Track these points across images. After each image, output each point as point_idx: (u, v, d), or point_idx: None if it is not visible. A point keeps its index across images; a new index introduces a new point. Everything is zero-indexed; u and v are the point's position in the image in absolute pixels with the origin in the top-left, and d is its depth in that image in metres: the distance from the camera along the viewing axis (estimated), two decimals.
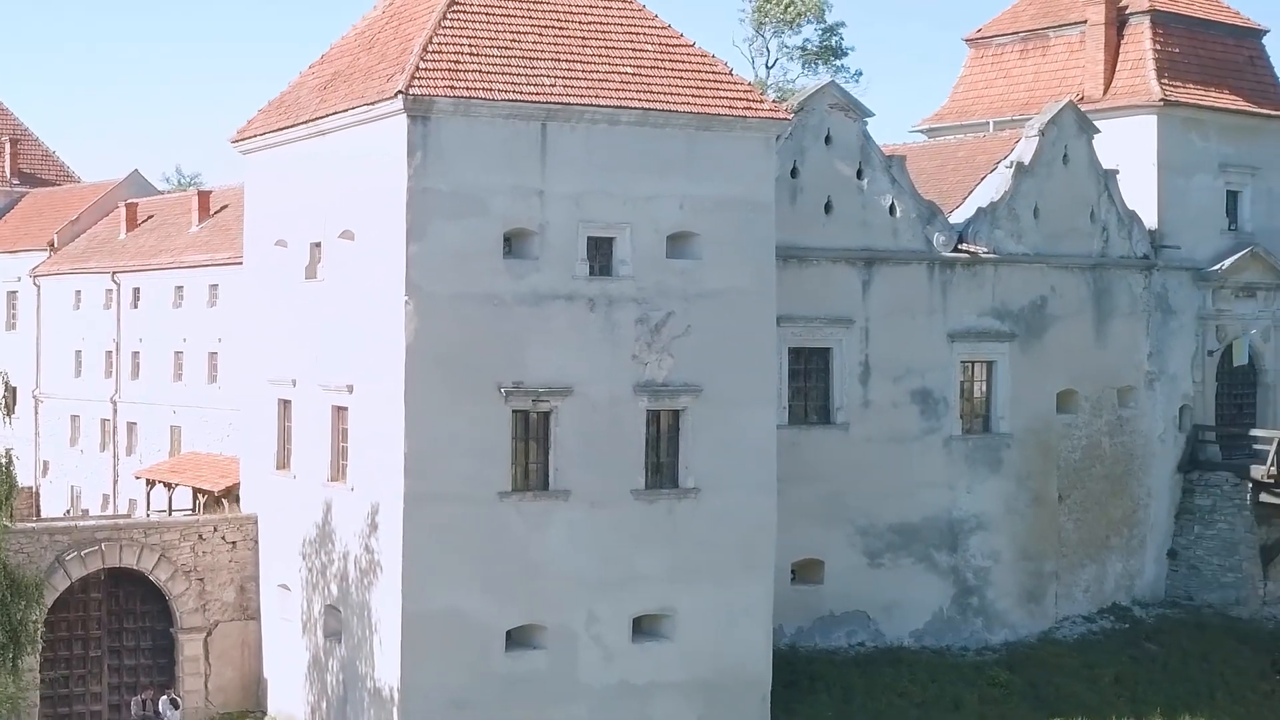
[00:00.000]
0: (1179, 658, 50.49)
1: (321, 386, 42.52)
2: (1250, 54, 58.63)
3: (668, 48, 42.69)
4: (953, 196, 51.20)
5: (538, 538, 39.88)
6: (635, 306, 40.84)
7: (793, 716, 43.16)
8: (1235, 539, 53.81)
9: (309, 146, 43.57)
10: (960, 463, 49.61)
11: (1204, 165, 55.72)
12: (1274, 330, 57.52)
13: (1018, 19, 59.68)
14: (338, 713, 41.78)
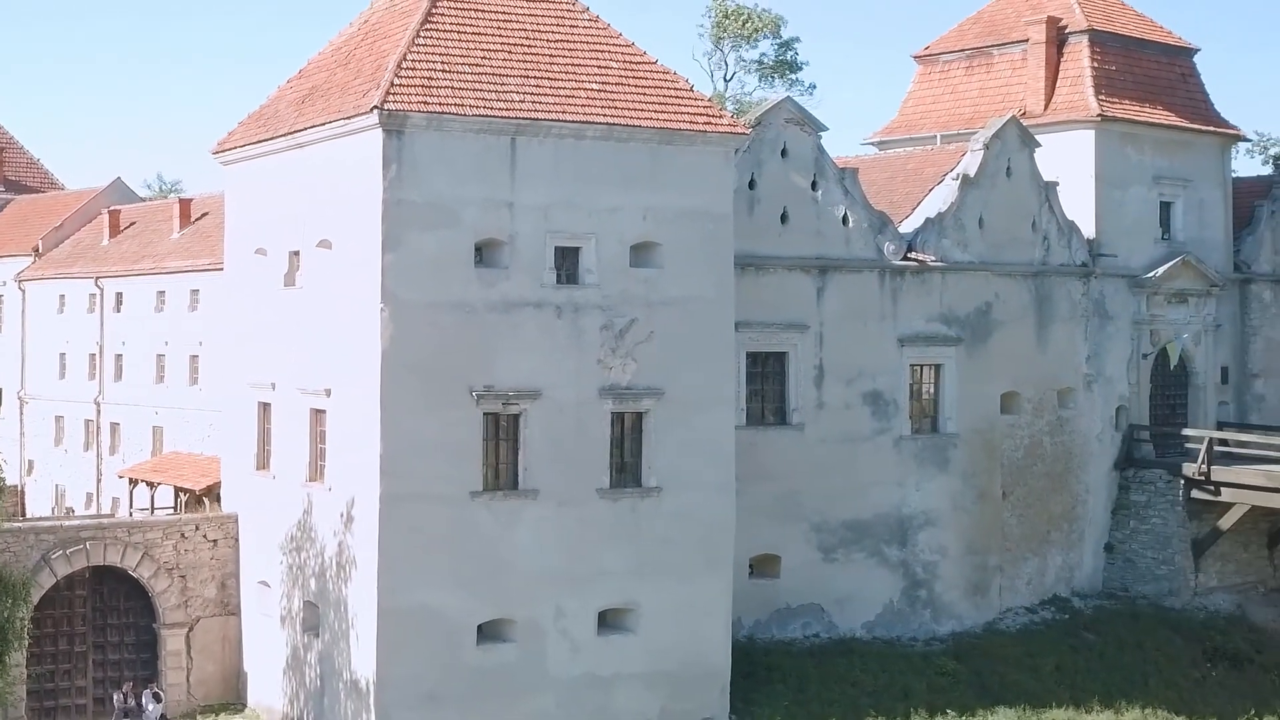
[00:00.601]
0: (1115, 647, 50.39)
1: (300, 390, 42.07)
2: (1182, 72, 58.70)
3: (631, 65, 42.47)
4: (902, 207, 51.07)
5: (507, 535, 39.58)
6: (600, 313, 40.60)
7: (751, 705, 42.86)
8: (1168, 533, 53.91)
9: (287, 158, 43.12)
10: (909, 461, 49.59)
11: (1139, 178, 55.78)
12: (1204, 335, 57.59)
13: (963, 37, 59.63)
14: (315, 705, 41.36)
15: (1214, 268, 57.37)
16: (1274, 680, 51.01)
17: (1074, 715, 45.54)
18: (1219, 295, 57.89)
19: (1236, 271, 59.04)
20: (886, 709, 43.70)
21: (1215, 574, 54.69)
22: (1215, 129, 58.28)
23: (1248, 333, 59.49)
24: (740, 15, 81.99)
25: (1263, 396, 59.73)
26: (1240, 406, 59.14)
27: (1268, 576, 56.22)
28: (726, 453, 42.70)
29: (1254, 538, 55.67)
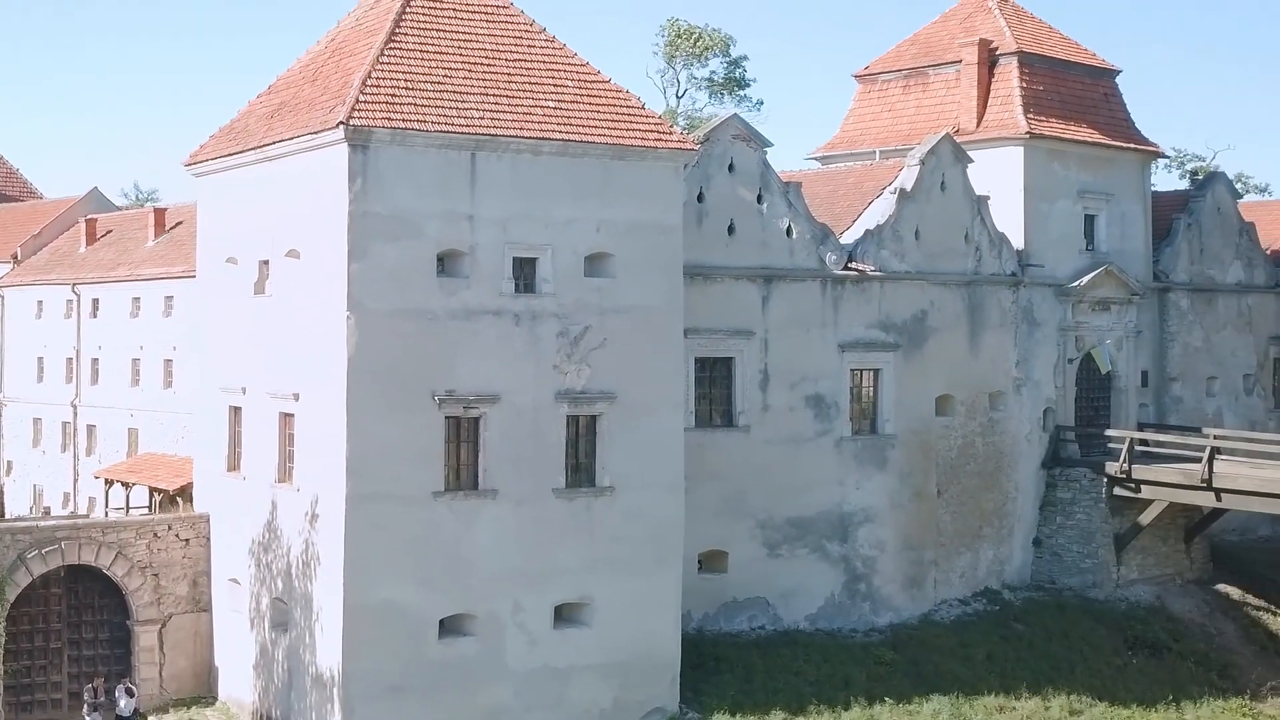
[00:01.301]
0: (1043, 636, 50.23)
1: (269, 394, 41.40)
2: (1105, 91, 58.61)
3: (586, 83, 42.01)
4: (843, 219, 50.66)
5: (468, 533, 39.07)
6: (556, 321, 40.13)
7: (700, 695, 42.42)
8: (1092, 528, 53.75)
9: (257, 171, 42.45)
10: (850, 461, 49.23)
11: (1064, 192, 55.63)
12: (1125, 340, 57.46)
13: (901, 58, 59.32)
14: (283, 698, 40.68)
15: (1135, 277, 57.27)
16: (1191, 668, 50.89)
17: (1004, 702, 45.19)
18: (1139, 303, 57.80)
19: (1156, 281, 58.98)
20: (828, 698, 43.27)
21: (1136, 567, 54.58)
22: (1136, 146, 58.22)
23: (1166, 339, 59.45)
24: (692, 35, 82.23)
25: (1180, 399, 59.73)
26: (1159, 408, 59.12)
27: (1185, 569, 56.14)
28: (676, 453, 42.28)
29: (1172, 532, 55.56)
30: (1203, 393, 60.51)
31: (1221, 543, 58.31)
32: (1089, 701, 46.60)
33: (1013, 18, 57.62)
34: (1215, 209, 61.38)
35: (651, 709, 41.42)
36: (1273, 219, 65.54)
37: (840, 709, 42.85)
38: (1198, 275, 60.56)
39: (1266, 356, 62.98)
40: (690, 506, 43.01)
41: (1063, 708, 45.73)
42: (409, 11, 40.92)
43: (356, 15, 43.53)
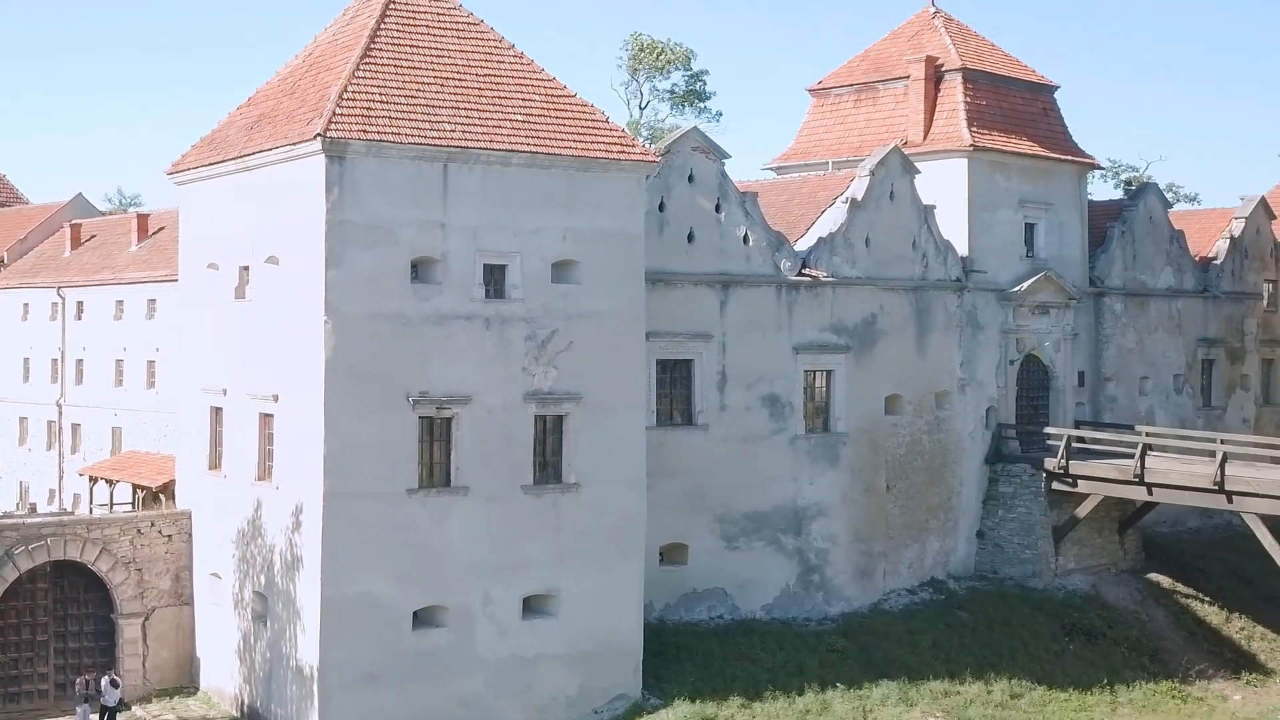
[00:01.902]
0: (986, 624, 50.19)
1: (250, 395, 40.95)
2: (1044, 106, 58.63)
3: (553, 98, 41.73)
4: (797, 227, 50.47)
5: (440, 529, 38.83)
6: (525, 325, 39.90)
7: (662, 682, 42.15)
8: (1032, 521, 53.73)
9: (237, 180, 41.99)
10: (804, 458, 49.05)
11: (1006, 201, 55.59)
12: (1063, 342, 57.48)
13: (852, 73, 59.18)
14: (264, 687, 40.21)
15: (1072, 282, 57.28)
16: (1124, 653, 50.89)
17: (949, 687, 45.16)
18: (1076, 307, 57.83)
19: (1091, 286, 58.95)
20: (783, 684, 43.11)
21: (1073, 557, 54.55)
22: (1073, 158, 58.25)
23: (1101, 341, 59.42)
24: (654, 49, 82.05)
25: (1114, 398, 59.70)
26: (1095, 407, 59.09)
27: (1119, 559, 56.18)
28: (638, 451, 42.05)
29: (1106, 524, 55.56)
30: (1135, 392, 60.54)
31: (1153, 534, 58.42)
32: (1029, 685, 46.64)
33: (957, 36, 57.60)
34: (1147, 218, 61.47)
35: (615, 696, 41.18)
36: (1201, 227, 65.71)
37: (795, 695, 42.66)
38: (1131, 280, 60.59)
39: (1195, 358, 63.11)
40: (652, 502, 42.86)
41: (1004, 691, 45.71)
42: (384, 28, 40.66)
43: (333, 31, 43.11)
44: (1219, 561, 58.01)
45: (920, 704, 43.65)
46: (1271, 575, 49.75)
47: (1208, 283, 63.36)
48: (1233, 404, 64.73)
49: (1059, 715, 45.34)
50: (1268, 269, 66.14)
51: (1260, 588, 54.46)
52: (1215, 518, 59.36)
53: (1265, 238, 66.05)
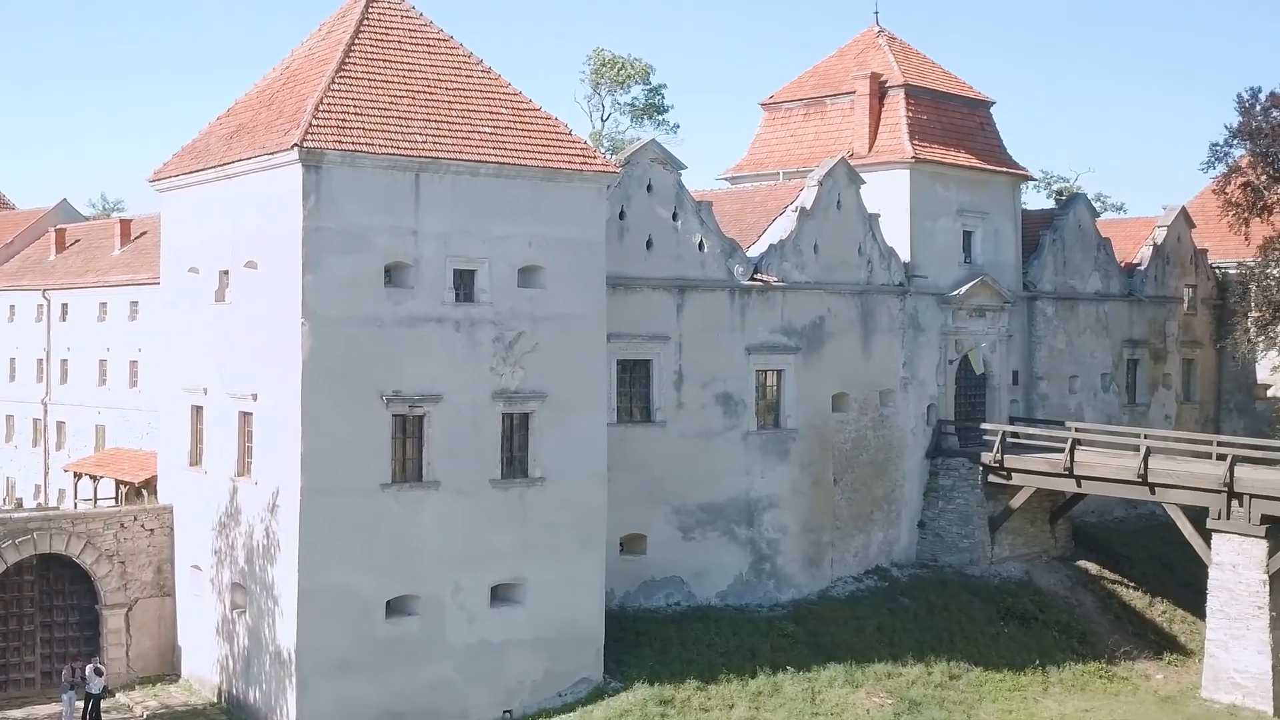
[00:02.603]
0: (927, 609, 50.08)
1: (229, 394, 40.31)
2: (981, 121, 58.54)
3: (519, 111, 41.24)
4: (750, 234, 50.17)
5: (412, 521, 38.32)
6: (492, 327, 39.44)
7: (622, 666, 41.85)
8: (969, 512, 53.70)
9: (217, 188, 41.28)
10: (755, 453, 48.76)
11: (945, 210, 55.53)
12: (998, 343, 57.45)
13: (802, 88, 58.92)
14: (243, 674, 39.58)
15: (1006, 287, 57.30)
16: (1055, 635, 50.91)
17: (892, 669, 44.97)
18: (1010, 310, 57.83)
19: (1025, 290, 58.94)
20: (736, 667, 42.84)
21: (1007, 546, 54.58)
22: (1008, 170, 58.21)
23: (1034, 342, 59.37)
24: (615, 64, 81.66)
25: (1046, 396, 59.69)
26: (1028, 404, 59.07)
27: (1050, 547, 56.22)
28: (600, 447, 41.67)
29: (1038, 515, 55.60)
30: (1065, 390, 60.54)
31: (1082, 523, 58.49)
32: (966, 667, 46.53)
33: (900, 54, 57.50)
34: (1077, 226, 61.48)
35: (578, 679, 40.81)
36: (1126, 235, 65.82)
37: (748, 677, 42.41)
38: (1061, 285, 60.58)
39: (1120, 358, 63.15)
40: (612, 494, 42.51)
41: (943, 673, 45.58)
42: (358, 43, 40.12)
43: (309, 45, 42.49)
44: (1143, 549, 58.23)
45: (865, 685, 43.42)
46: (1191, 562, 49.86)
47: (1132, 287, 63.46)
48: (1155, 401, 64.85)
49: (994, 695, 45.15)
50: (1188, 274, 66.31)
51: (1181, 574, 54.61)
52: (1139, 508, 59.56)
53: (1186, 245, 66.24)
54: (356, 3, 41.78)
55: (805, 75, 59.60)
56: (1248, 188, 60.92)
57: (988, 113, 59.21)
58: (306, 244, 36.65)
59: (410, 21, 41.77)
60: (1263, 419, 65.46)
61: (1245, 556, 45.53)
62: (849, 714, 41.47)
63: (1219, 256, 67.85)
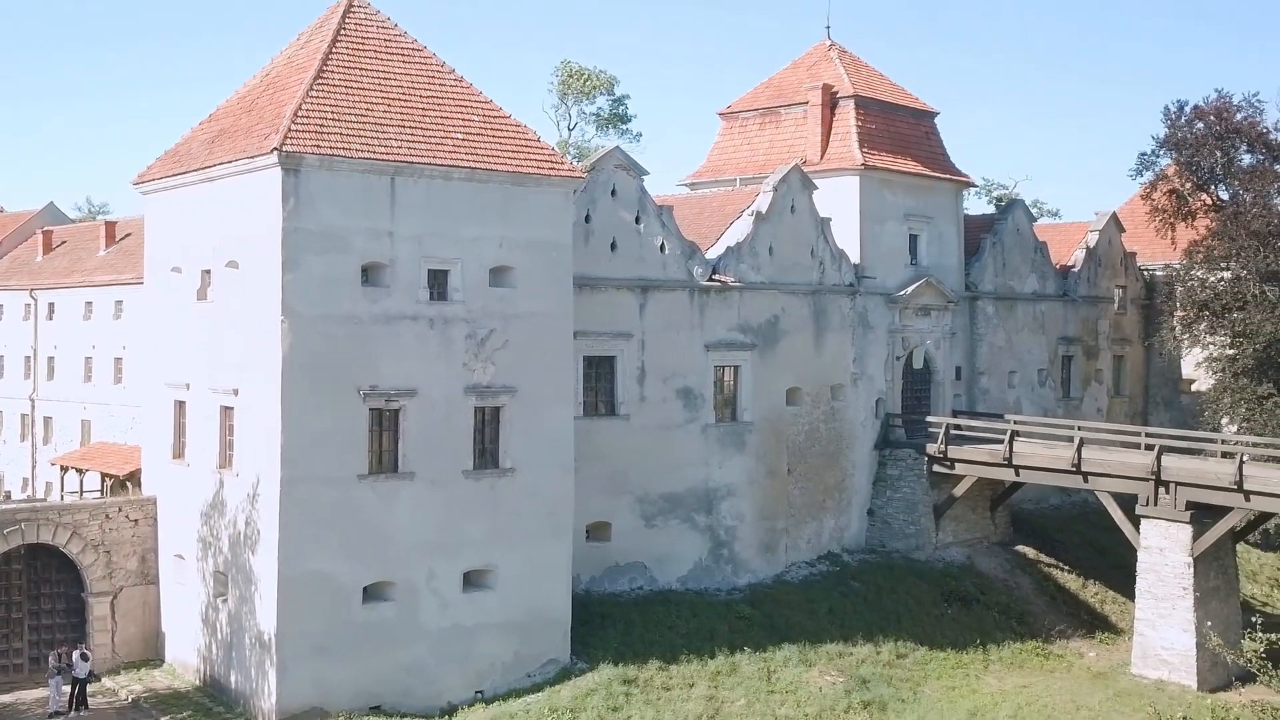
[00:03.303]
0: (875, 592, 49.78)
1: (211, 389, 39.39)
2: (926, 131, 58.19)
3: (490, 118, 40.55)
4: (709, 237, 49.66)
5: (388, 511, 37.55)
6: (465, 325, 38.75)
7: (588, 647, 41.30)
8: (915, 500, 53.42)
9: (199, 190, 40.34)
10: (714, 444, 48.29)
11: (893, 215, 55.15)
12: (942, 341, 57.17)
13: (758, 98, 58.37)
14: (225, 658, 38.70)
15: (950, 287, 57.04)
16: (995, 616, 50.77)
17: (843, 649, 44.67)
18: (953, 309, 57.58)
19: (967, 290, 58.71)
20: (696, 648, 42.43)
21: (951, 532, 54.40)
22: (951, 177, 57.87)
23: (975, 339, 59.17)
24: (582, 75, 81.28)
25: (987, 390, 59.52)
26: (970, 398, 58.88)
27: (990, 533, 56.07)
28: (567, 439, 41.04)
29: (980, 502, 55.46)
30: (1005, 385, 60.40)
31: (1020, 511, 58.39)
32: (913, 646, 46.32)
33: (850, 66, 57.09)
34: (1015, 230, 61.29)
35: (547, 660, 40.22)
36: (1062, 239, 65.81)
37: (707, 658, 42.03)
38: (1001, 286, 60.38)
39: (1056, 354, 63.07)
40: (579, 484, 41.97)
41: (891, 652, 45.37)
42: (335, 52, 39.32)
43: (289, 54, 41.64)
44: (1077, 534, 58.23)
45: (818, 665, 43.14)
46: (1121, 546, 49.91)
47: (1067, 288, 63.35)
48: (1088, 395, 64.83)
49: (939, 673, 44.98)
50: (1118, 276, 66.30)
51: (1112, 557, 54.61)
52: (1074, 496, 59.48)
53: (1116, 248, 66.23)
54: (334, 13, 41.01)
55: (761, 86, 59.10)
56: (1173, 195, 61.26)
57: (932, 123, 58.87)
58: (286, 244, 35.83)
59: (385, 32, 40.98)
60: (1187, 412, 65.52)
61: (1171, 541, 45.65)
62: (803, 692, 41.16)
63: (1147, 259, 68.01)
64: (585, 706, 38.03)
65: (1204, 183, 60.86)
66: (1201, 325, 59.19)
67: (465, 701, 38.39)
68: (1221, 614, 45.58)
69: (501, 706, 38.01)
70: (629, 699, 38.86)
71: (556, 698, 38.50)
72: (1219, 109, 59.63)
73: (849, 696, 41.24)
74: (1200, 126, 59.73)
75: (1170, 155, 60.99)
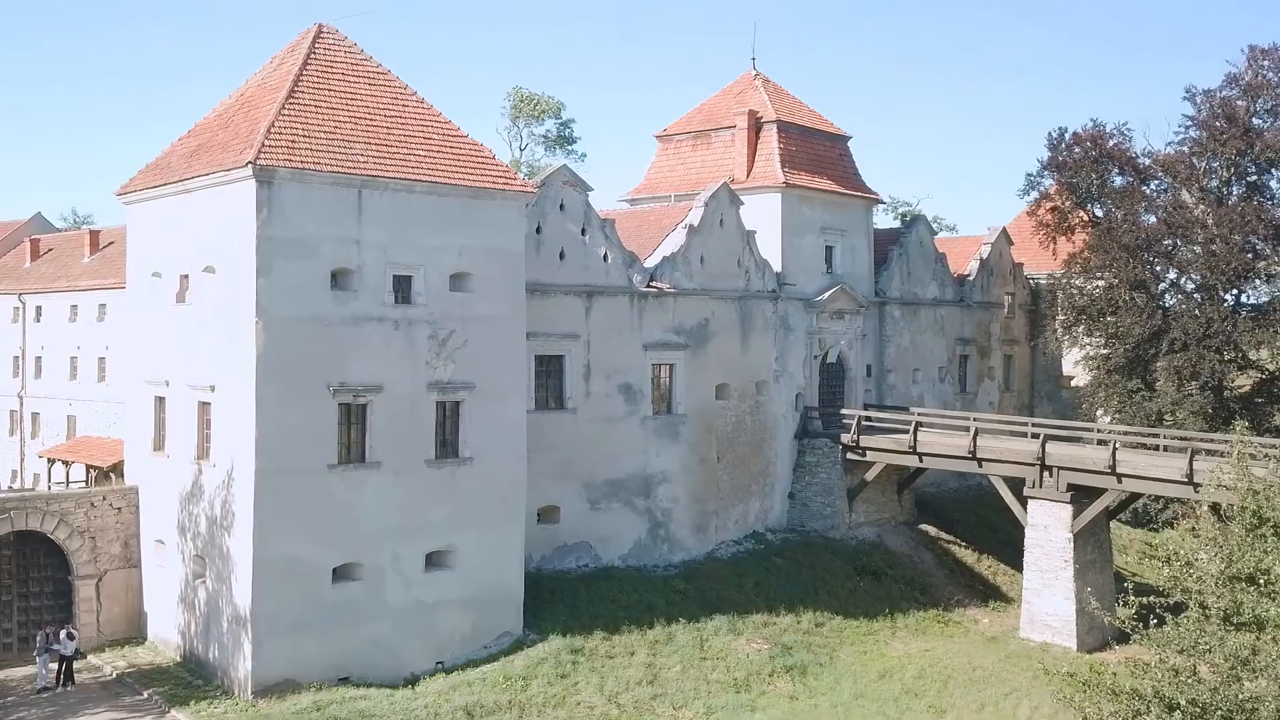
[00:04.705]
0: (796, 567, 48.95)
1: (189, 386, 37.61)
2: (840, 153, 57.36)
3: (449, 137, 39.18)
4: (647, 248, 48.53)
5: (356, 498, 36.07)
6: (427, 326, 37.36)
7: (539, 620, 40.13)
8: (831, 484, 52.62)
9: (179, 201, 38.58)
10: (652, 435, 47.16)
11: (811, 228, 54.30)
12: (855, 341, 56.43)
13: (691, 122, 57.28)
14: (202, 636, 36.98)
15: (861, 294, 56.28)
16: (901, 588, 50.16)
17: (768, 619, 43.87)
18: (864, 313, 56.83)
19: (876, 296, 57.96)
20: (636, 619, 41.47)
21: (863, 513, 53.67)
22: (862, 194, 57.06)
23: (884, 340, 58.47)
24: (532, 100, 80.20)
25: (894, 386, 58.87)
26: (879, 393, 58.14)
27: (897, 514, 55.44)
28: (520, 430, 39.79)
29: (888, 486, 54.79)
30: (910, 381, 59.80)
31: (923, 494, 57.85)
32: (829, 616, 45.58)
33: (773, 94, 56.13)
34: (919, 243, 60.74)
35: (501, 633, 38.98)
36: (959, 251, 65.45)
37: (646, 628, 41.10)
38: (906, 293, 59.76)
39: (954, 354, 62.63)
40: (531, 472, 40.88)
41: (810, 621, 44.66)
42: (306, 74, 37.78)
43: (263, 75, 39.91)
44: (972, 514, 57.87)
45: (745, 633, 42.36)
46: (1011, 524, 49.63)
47: (963, 295, 62.94)
48: (982, 390, 64.50)
49: (852, 639, 44.28)
50: (1008, 284, 66.08)
51: (1003, 534, 54.26)
52: (970, 480, 58.98)
53: (1006, 259, 65.99)
54: (305, 39, 39.45)
55: (693, 112, 58.00)
56: (1055, 212, 61.18)
57: (846, 146, 58.03)
58: (260, 251, 34.27)
59: (352, 56, 39.46)
60: (1067, 404, 65.65)
61: (1054, 519, 45.51)
62: (732, 658, 40.35)
63: (1032, 269, 67.91)
64: (536, 674, 36.97)
65: (1081, 201, 60.78)
66: (1079, 328, 59.53)
67: (427, 672, 37.03)
68: (1098, 583, 45.33)
69: (460, 675, 36.80)
70: (576, 667, 37.82)
71: (510, 667, 37.37)
72: (1094, 136, 59.60)
73: (773, 662, 40.50)
74: (1078, 151, 59.63)
75: (1052, 176, 60.90)
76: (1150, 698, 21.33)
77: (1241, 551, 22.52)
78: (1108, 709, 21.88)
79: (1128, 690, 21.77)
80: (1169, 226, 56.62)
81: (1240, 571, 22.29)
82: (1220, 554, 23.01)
